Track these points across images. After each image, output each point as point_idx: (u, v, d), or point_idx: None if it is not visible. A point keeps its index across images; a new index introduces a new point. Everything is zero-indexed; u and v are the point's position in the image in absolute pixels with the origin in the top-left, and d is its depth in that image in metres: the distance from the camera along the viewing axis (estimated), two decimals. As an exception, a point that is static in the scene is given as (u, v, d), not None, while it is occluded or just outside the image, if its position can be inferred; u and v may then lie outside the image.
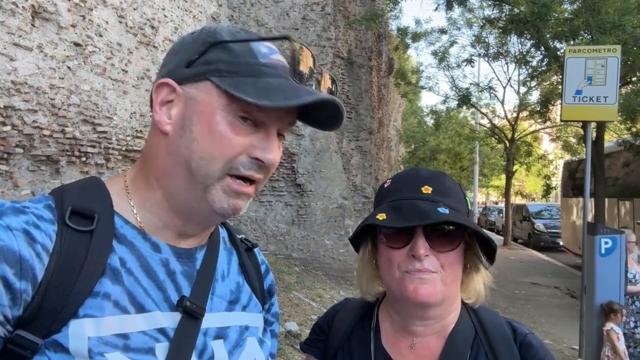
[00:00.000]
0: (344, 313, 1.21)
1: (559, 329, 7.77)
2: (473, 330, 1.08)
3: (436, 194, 1.03)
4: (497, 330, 1.07)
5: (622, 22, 8.21)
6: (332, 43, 11.04)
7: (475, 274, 1.10)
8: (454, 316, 1.09)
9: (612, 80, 6.29)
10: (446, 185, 1.05)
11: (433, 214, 0.97)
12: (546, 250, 18.67)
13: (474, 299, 1.11)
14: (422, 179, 1.05)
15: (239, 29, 0.84)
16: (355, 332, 1.15)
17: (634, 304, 5.74)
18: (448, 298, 1.05)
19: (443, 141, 23.66)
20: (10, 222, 0.69)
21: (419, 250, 0.98)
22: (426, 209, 0.98)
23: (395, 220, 0.99)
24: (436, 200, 1.01)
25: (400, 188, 1.06)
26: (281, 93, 0.77)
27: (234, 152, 0.78)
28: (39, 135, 5.31)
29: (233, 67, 0.79)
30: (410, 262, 1.00)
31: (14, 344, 0.67)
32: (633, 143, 9.99)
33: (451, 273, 1.02)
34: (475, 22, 18.28)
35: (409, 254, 1.00)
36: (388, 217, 0.99)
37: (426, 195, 1.02)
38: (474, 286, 1.10)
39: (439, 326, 1.07)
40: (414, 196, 1.03)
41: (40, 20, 5.29)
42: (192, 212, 0.83)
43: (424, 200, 1.01)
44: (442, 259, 1.00)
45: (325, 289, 7.89)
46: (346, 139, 12.88)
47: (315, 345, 1.20)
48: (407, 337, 1.09)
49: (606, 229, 5.78)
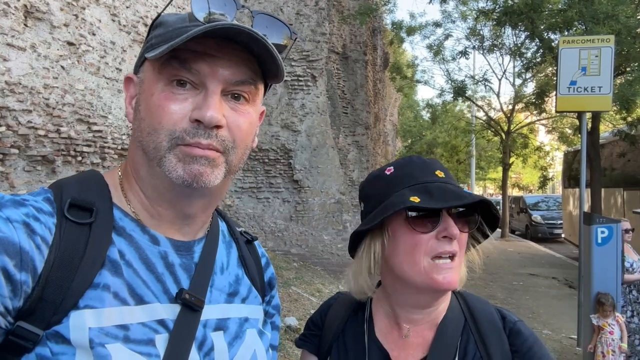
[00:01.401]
0: (336, 307, 1.20)
1: (557, 319, 7.81)
2: (463, 317, 1.08)
3: (448, 177, 1.05)
4: (487, 318, 1.07)
5: (615, 12, 8.22)
6: (327, 38, 11.02)
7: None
8: (446, 304, 1.10)
9: (606, 70, 6.31)
10: (447, 169, 1.09)
11: (467, 194, 0.99)
12: (544, 242, 18.74)
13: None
14: (431, 165, 1.07)
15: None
16: (349, 325, 1.15)
17: (631, 293, 5.76)
18: None
19: (439, 135, 23.69)
20: (10, 214, 0.69)
21: (453, 229, 0.98)
22: (457, 191, 1.00)
23: (433, 202, 0.98)
24: (452, 183, 1.04)
25: (412, 173, 1.05)
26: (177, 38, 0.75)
27: (171, 119, 0.77)
28: (34, 135, 5.29)
29: (162, 38, 0.80)
30: (440, 245, 0.99)
31: (15, 335, 0.67)
32: (628, 133, 10.03)
33: (461, 256, 1.04)
34: (469, 14, 18.26)
35: (438, 236, 0.99)
36: (422, 200, 0.98)
37: (443, 178, 1.04)
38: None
39: (433, 315, 1.08)
40: (434, 179, 1.03)
41: (32, 20, 5.26)
42: (157, 190, 0.83)
43: (446, 184, 1.02)
44: (460, 242, 1.02)
45: (324, 283, 7.91)
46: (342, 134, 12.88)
47: (310, 341, 1.20)
48: (401, 326, 1.09)
49: (602, 218, 5.80)
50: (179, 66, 0.77)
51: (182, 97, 0.78)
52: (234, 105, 0.81)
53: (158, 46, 0.79)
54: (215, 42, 0.77)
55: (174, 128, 0.77)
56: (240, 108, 0.82)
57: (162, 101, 0.78)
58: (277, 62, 0.81)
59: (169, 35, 0.79)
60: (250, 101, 0.84)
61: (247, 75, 0.81)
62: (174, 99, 0.78)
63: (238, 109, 0.81)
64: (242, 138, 0.82)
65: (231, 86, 0.80)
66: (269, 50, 0.79)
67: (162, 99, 0.78)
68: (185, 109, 0.77)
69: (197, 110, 0.77)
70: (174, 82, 0.78)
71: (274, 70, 0.83)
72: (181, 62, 0.77)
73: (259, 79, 0.84)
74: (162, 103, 0.77)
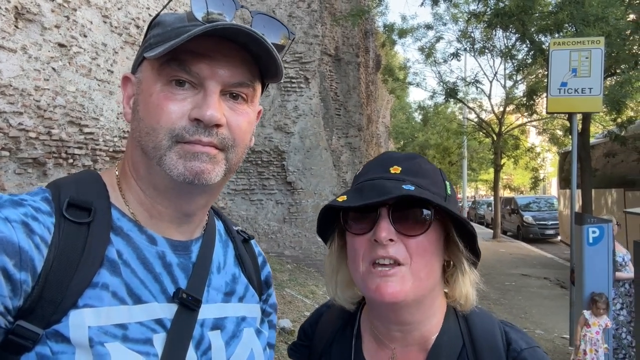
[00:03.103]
0: (327, 317, 1.12)
1: (549, 319, 7.86)
2: (460, 341, 0.94)
3: (405, 173, 0.91)
4: (488, 344, 0.92)
5: (605, 15, 8.31)
6: (319, 40, 11.04)
7: (460, 273, 0.96)
8: (437, 323, 0.96)
9: (597, 72, 6.38)
10: (420, 166, 0.94)
11: (394, 190, 0.86)
12: (535, 242, 18.87)
13: (463, 302, 0.96)
14: (392, 160, 0.95)
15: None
16: (337, 339, 1.06)
17: (623, 287, 5.85)
18: (424, 298, 0.92)
19: (432, 136, 23.81)
20: (8, 214, 0.69)
21: (381, 232, 0.86)
22: (388, 187, 0.87)
23: (354, 201, 0.88)
24: (403, 179, 0.90)
25: (368, 170, 0.97)
26: (175, 38, 0.75)
27: (170, 119, 0.77)
28: (25, 137, 5.25)
29: (161, 37, 0.80)
30: (373, 249, 0.88)
31: (15, 334, 0.67)
32: (618, 134, 10.13)
33: (423, 265, 0.89)
34: (460, 17, 18.38)
35: (371, 239, 0.88)
36: (348, 199, 0.89)
37: (393, 174, 0.91)
38: (460, 287, 0.95)
39: (419, 335, 0.95)
40: (379, 176, 0.92)
41: (23, 21, 5.22)
42: (157, 189, 0.83)
43: (389, 180, 0.90)
44: (411, 246, 0.88)
45: (318, 285, 7.90)
46: (335, 135, 12.90)
47: (299, 351, 1.13)
48: (387, 346, 0.98)
49: (593, 218, 5.87)
50: (178, 68, 0.77)
51: (181, 97, 0.78)
52: (232, 104, 0.82)
53: (157, 46, 0.79)
54: (214, 41, 0.77)
55: (173, 126, 0.77)
56: (238, 108, 0.82)
57: (161, 101, 0.78)
58: (276, 62, 0.81)
59: (167, 35, 0.79)
60: (249, 101, 0.84)
61: (245, 77, 0.81)
62: (173, 98, 0.78)
63: (236, 108, 0.82)
64: (241, 137, 0.83)
65: (230, 87, 0.80)
66: (269, 51, 0.79)
67: (161, 99, 0.78)
68: (184, 108, 0.78)
69: (196, 110, 0.77)
70: (173, 82, 0.78)
71: (273, 70, 0.83)
72: (180, 64, 0.77)
73: (257, 79, 0.84)
74: (161, 103, 0.78)
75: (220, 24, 0.74)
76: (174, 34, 0.78)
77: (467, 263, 0.95)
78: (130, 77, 0.86)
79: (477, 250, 0.95)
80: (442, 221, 0.93)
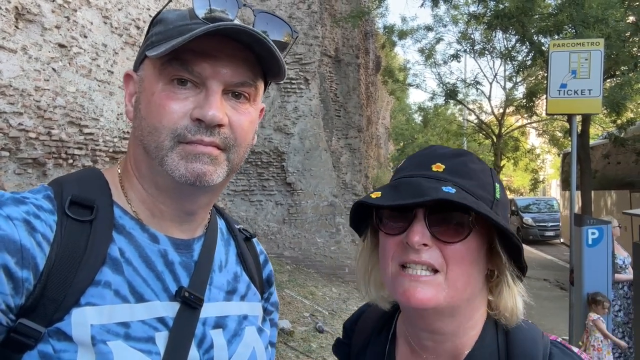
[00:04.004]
0: (367, 315, 1.07)
1: (549, 320, 7.86)
2: (496, 356, 0.85)
3: (448, 172, 0.83)
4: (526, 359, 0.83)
5: (605, 16, 8.31)
6: (319, 41, 11.05)
7: (505, 285, 0.87)
8: (474, 336, 0.87)
9: (596, 74, 6.38)
10: (465, 165, 0.85)
11: (432, 192, 0.78)
12: (535, 244, 18.86)
13: (508, 315, 0.86)
14: (436, 156, 0.87)
15: None
16: (373, 342, 1.01)
17: (622, 289, 5.86)
18: (460, 308, 0.84)
19: (431, 138, 23.77)
20: (10, 212, 0.69)
21: (414, 236, 0.79)
22: (426, 187, 0.79)
23: (387, 199, 0.81)
24: (445, 179, 0.82)
25: (409, 165, 0.89)
26: (177, 36, 0.75)
27: (172, 118, 0.77)
28: (24, 138, 5.24)
29: (163, 35, 0.80)
30: (405, 252, 0.81)
31: (17, 332, 0.67)
32: (618, 135, 10.14)
33: (461, 274, 0.81)
34: (460, 18, 18.39)
35: (404, 241, 0.82)
36: (382, 195, 0.82)
37: (435, 173, 0.84)
38: (505, 300, 0.86)
39: (452, 347, 0.88)
40: (419, 174, 0.85)
41: (24, 21, 5.22)
42: (159, 187, 0.83)
43: (429, 179, 0.83)
44: (448, 253, 0.80)
45: (317, 286, 7.90)
46: (335, 136, 12.90)
47: (342, 349, 1.10)
48: (420, 355, 0.91)
49: (593, 219, 5.86)
50: (180, 67, 0.77)
51: (183, 96, 0.78)
52: (234, 104, 0.81)
53: (159, 44, 0.79)
54: (217, 41, 0.77)
55: (175, 126, 0.77)
56: (240, 107, 0.82)
57: (163, 100, 0.77)
58: (279, 61, 0.81)
59: (169, 33, 0.79)
60: (251, 100, 0.84)
61: (247, 76, 0.81)
62: (175, 98, 0.77)
63: (239, 107, 0.82)
64: (243, 136, 0.83)
65: (232, 86, 0.80)
66: (271, 50, 0.79)
67: (163, 98, 0.77)
68: (186, 107, 0.77)
69: (198, 109, 0.77)
70: (175, 81, 0.78)
71: (276, 69, 0.83)
72: (183, 64, 0.76)
73: (259, 78, 0.84)
74: (163, 102, 0.77)
75: (223, 24, 0.74)
76: (176, 32, 0.77)
77: (511, 276, 0.87)
78: (132, 74, 0.86)
79: (523, 263, 0.86)
80: (486, 227, 0.84)
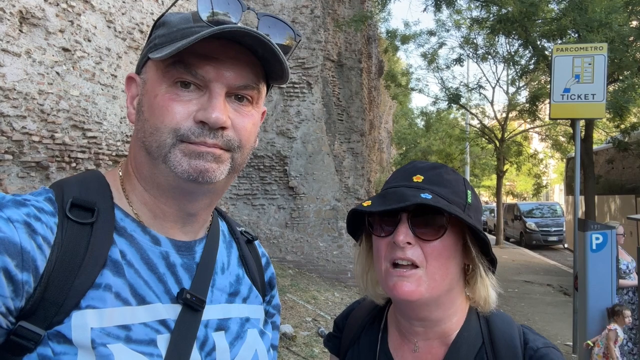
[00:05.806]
0: (358, 312, 1.21)
1: (552, 325, 7.81)
2: (480, 339, 1.01)
3: (427, 182, 1.00)
4: (506, 343, 0.99)
5: (608, 20, 8.31)
6: (322, 46, 11.07)
7: (479, 277, 1.03)
8: (458, 321, 1.04)
9: (600, 78, 6.37)
10: (441, 176, 1.02)
11: (412, 198, 0.94)
12: (538, 249, 18.80)
13: (482, 303, 1.03)
14: (417, 169, 1.04)
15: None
16: (365, 332, 1.15)
17: (627, 294, 5.83)
18: (441, 297, 0.99)
19: (434, 142, 23.76)
20: (11, 214, 0.69)
21: (399, 236, 0.95)
22: (408, 194, 0.95)
23: (376, 206, 0.97)
24: (424, 187, 0.98)
25: (394, 178, 1.06)
26: (181, 39, 0.75)
27: (174, 120, 0.77)
28: (28, 141, 5.26)
29: (166, 38, 0.80)
30: (393, 251, 0.97)
31: (17, 335, 0.66)
32: (622, 140, 10.11)
33: (438, 267, 0.96)
34: (463, 23, 18.42)
35: (391, 241, 0.97)
36: (372, 204, 0.98)
37: (415, 183, 1.00)
38: (479, 290, 1.03)
39: (440, 330, 1.03)
40: (402, 184, 1.01)
41: (28, 25, 5.25)
42: (161, 188, 0.82)
43: (410, 187, 0.99)
44: (427, 250, 0.96)
45: (320, 290, 7.88)
46: (338, 141, 12.90)
47: (332, 341, 1.23)
48: (410, 339, 1.06)
49: (597, 225, 5.84)
50: (183, 70, 0.77)
51: (186, 98, 0.77)
52: (237, 106, 0.81)
53: (162, 47, 0.79)
54: (220, 43, 0.77)
55: (178, 126, 0.77)
56: (243, 110, 0.82)
57: (166, 102, 0.77)
58: (282, 65, 0.80)
59: (172, 35, 0.79)
60: (254, 103, 0.84)
61: (251, 79, 0.81)
62: (178, 100, 0.77)
63: (241, 110, 0.82)
64: (247, 138, 0.83)
65: (235, 89, 0.80)
66: (275, 53, 0.78)
67: (166, 100, 0.77)
68: (189, 109, 0.77)
69: (201, 112, 0.77)
70: (178, 83, 0.78)
71: (279, 72, 0.83)
72: (186, 67, 0.76)
73: (262, 81, 0.84)
74: (166, 104, 0.77)
75: (227, 27, 0.74)
76: (179, 35, 0.77)
77: (483, 268, 1.02)
78: (135, 77, 0.86)
79: (493, 256, 1.02)
80: (460, 227, 1.00)
